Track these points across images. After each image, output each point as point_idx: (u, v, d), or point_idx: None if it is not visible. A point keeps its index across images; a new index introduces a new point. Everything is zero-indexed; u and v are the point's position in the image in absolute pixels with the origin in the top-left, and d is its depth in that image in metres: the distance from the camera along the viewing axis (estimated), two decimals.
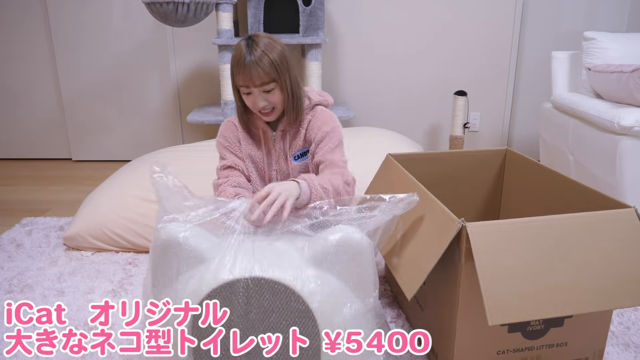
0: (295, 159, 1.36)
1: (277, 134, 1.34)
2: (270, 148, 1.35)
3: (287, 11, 2.41)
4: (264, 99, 1.23)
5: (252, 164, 1.36)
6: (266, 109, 1.24)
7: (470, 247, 0.89)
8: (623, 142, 1.76)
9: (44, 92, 2.87)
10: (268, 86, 1.21)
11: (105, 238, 1.65)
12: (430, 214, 1.04)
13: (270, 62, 1.19)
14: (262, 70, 1.18)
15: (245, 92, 1.22)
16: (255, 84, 1.20)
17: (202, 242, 0.92)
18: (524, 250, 0.90)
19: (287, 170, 1.37)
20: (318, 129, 1.32)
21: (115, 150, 2.94)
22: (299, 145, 1.35)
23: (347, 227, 0.93)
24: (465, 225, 0.90)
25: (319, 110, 1.35)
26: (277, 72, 1.21)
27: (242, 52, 1.19)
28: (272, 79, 1.20)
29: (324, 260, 0.90)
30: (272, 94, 1.23)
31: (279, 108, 1.27)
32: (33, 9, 2.73)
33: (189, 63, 2.80)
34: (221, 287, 0.86)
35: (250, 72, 1.18)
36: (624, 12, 2.72)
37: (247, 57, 1.18)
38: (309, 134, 1.34)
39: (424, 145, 2.90)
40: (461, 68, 2.78)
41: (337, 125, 1.34)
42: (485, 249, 0.88)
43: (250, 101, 1.24)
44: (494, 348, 1.01)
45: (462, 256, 0.92)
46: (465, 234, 0.90)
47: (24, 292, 1.41)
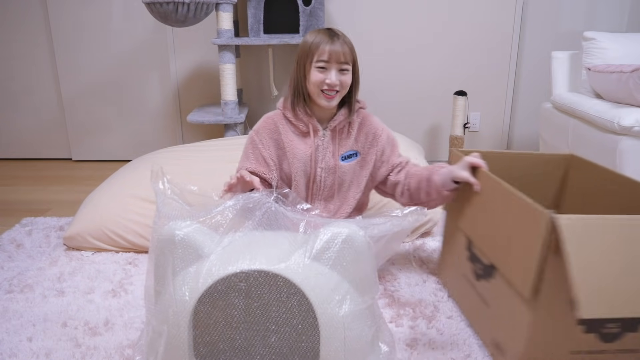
0: (342, 159, 1.40)
1: (327, 132, 1.38)
2: (318, 145, 1.37)
3: (287, 11, 2.41)
4: (337, 78, 1.29)
5: (297, 161, 1.37)
6: (335, 88, 1.30)
7: (557, 240, 0.87)
8: (623, 142, 1.76)
9: (44, 92, 2.87)
10: (347, 66, 1.30)
11: (105, 238, 1.65)
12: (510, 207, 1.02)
13: (352, 48, 1.32)
14: (349, 49, 1.30)
15: (323, 66, 1.28)
16: (339, 60, 1.28)
17: (200, 238, 0.92)
18: (614, 246, 0.88)
19: (334, 169, 1.39)
20: (374, 136, 1.41)
21: (115, 150, 2.94)
22: (348, 146, 1.40)
23: (349, 225, 0.93)
24: (555, 217, 0.88)
25: (366, 114, 1.43)
26: (355, 59, 1.33)
27: (325, 34, 1.29)
28: (352, 60, 1.31)
29: (325, 256, 0.90)
30: (345, 75, 1.31)
31: (342, 93, 1.33)
32: (33, 9, 2.73)
33: (189, 63, 2.80)
34: (220, 281, 0.86)
35: (339, 48, 1.27)
36: (624, 12, 2.72)
37: (334, 37, 1.28)
38: (361, 137, 1.41)
39: (424, 145, 2.90)
40: (461, 68, 2.78)
41: (385, 128, 1.44)
42: (576, 241, 0.86)
43: (322, 76, 1.29)
44: (568, 347, 0.99)
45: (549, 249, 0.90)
46: (553, 226, 0.88)
47: (24, 292, 1.41)
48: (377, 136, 1.41)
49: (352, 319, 0.88)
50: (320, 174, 1.38)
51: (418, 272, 1.52)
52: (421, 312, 1.30)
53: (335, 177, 1.40)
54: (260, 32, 2.42)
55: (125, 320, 1.26)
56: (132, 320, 1.26)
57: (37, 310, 1.31)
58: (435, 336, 1.20)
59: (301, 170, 1.37)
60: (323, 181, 1.40)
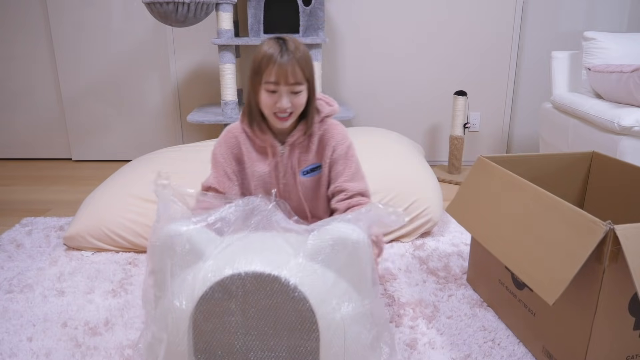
0: (304, 174, 1.30)
1: (285, 148, 1.27)
2: (277, 162, 1.28)
3: (287, 11, 2.41)
4: (289, 100, 1.17)
5: (256, 179, 1.30)
6: (287, 111, 1.18)
7: (614, 250, 0.88)
8: (623, 142, 1.76)
9: (44, 92, 2.87)
10: (299, 87, 1.16)
11: (105, 238, 1.65)
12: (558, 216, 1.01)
13: (306, 62, 1.16)
14: (299, 69, 1.14)
15: (272, 89, 1.15)
16: (288, 82, 1.14)
17: (198, 239, 0.92)
18: None
19: (295, 185, 1.31)
20: (333, 149, 1.28)
21: (115, 150, 2.94)
22: (309, 161, 1.29)
23: (345, 225, 0.93)
24: (613, 228, 0.88)
25: (329, 124, 1.30)
26: (310, 73, 1.18)
27: (275, 48, 1.14)
28: (305, 79, 1.17)
29: (324, 257, 0.90)
30: (298, 97, 1.18)
31: (297, 114, 1.21)
32: (33, 9, 2.73)
33: (189, 63, 2.80)
34: (216, 286, 0.86)
35: (287, 68, 1.12)
36: (624, 12, 2.72)
37: (283, 54, 1.13)
38: (320, 150, 1.29)
39: (424, 145, 2.90)
40: (461, 68, 2.78)
41: (351, 142, 1.30)
42: (633, 249, 0.87)
43: (272, 100, 1.17)
44: (624, 353, 1.00)
45: (606, 259, 0.91)
46: (612, 237, 0.89)
47: (24, 292, 1.41)
48: (334, 151, 1.28)
49: (351, 321, 0.88)
50: (282, 190, 1.31)
51: (418, 272, 1.52)
52: (421, 312, 1.30)
53: (297, 192, 1.32)
54: (260, 32, 2.42)
55: (125, 320, 1.26)
56: (132, 320, 1.26)
57: (37, 310, 1.31)
58: (435, 336, 1.20)
59: (261, 187, 1.31)
60: (287, 197, 1.33)
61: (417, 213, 1.73)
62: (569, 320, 1.02)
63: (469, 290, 1.41)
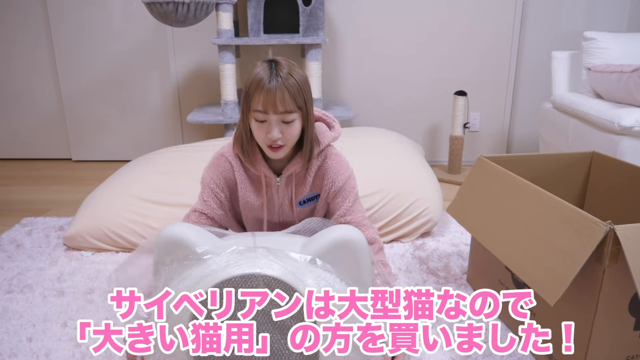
0: (300, 204, 1.22)
1: (281, 180, 1.18)
2: (272, 194, 1.20)
3: (287, 11, 2.41)
4: (279, 131, 1.06)
5: (249, 211, 1.23)
6: (278, 142, 1.07)
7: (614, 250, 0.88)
8: (623, 142, 1.76)
9: (44, 92, 2.87)
10: (290, 115, 1.05)
11: (105, 238, 1.65)
12: (558, 216, 1.01)
13: (298, 87, 1.04)
14: (289, 96, 1.03)
15: (261, 119, 1.05)
16: (277, 111, 1.03)
17: (200, 241, 0.92)
18: None
19: (291, 217, 1.23)
20: (332, 181, 1.18)
21: (115, 150, 2.94)
22: (305, 192, 1.21)
23: (345, 227, 0.93)
24: (613, 228, 0.88)
25: (329, 154, 1.20)
26: (303, 101, 1.06)
27: (265, 72, 1.03)
28: (297, 107, 1.05)
29: (323, 258, 0.90)
30: (290, 126, 1.07)
31: (291, 145, 1.11)
32: (33, 9, 2.73)
33: (189, 63, 2.80)
34: (218, 285, 0.86)
35: (275, 96, 1.02)
36: (624, 12, 2.72)
37: (272, 79, 1.02)
38: (318, 181, 1.21)
39: (424, 145, 2.90)
40: (461, 68, 2.78)
41: (351, 173, 1.21)
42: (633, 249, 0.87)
43: (262, 131, 1.07)
44: (624, 353, 1.00)
45: (606, 259, 0.90)
46: (612, 237, 0.89)
47: (23, 292, 1.41)
48: (333, 183, 1.19)
49: (352, 323, 0.88)
50: (277, 223, 1.26)
51: (418, 272, 1.52)
52: None
53: (293, 218, 1.24)
54: (260, 32, 2.42)
55: (125, 320, 1.26)
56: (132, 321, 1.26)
57: (37, 310, 1.31)
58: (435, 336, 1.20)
59: (252, 217, 1.25)
60: (280, 222, 1.27)
61: (417, 213, 1.73)
62: (569, 320, 1.02)
63: (469, 290, 1.41)
